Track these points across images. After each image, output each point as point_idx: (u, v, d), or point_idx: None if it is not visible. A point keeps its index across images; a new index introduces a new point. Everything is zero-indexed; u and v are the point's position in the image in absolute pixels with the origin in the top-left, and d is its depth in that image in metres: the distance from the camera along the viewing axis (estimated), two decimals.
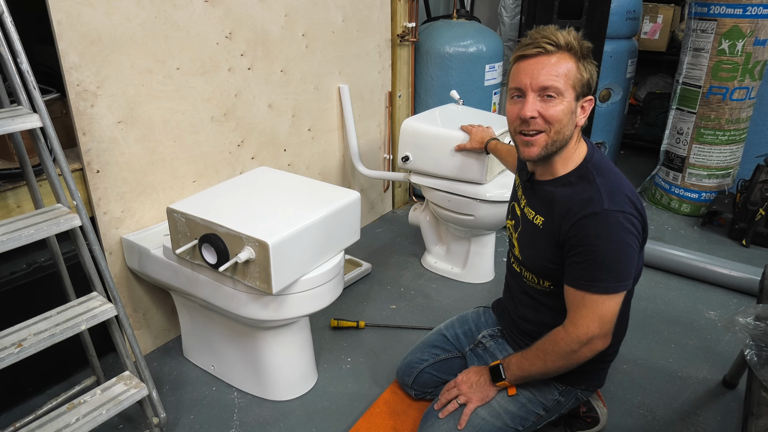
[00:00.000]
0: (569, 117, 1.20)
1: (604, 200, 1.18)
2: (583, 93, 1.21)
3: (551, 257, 1.28)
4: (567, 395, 1.43)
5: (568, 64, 1.17)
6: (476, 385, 1.40)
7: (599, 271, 1.18)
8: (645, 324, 2.11)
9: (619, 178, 1.24)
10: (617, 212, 1.17)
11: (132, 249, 1.72)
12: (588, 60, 1.20)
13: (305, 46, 2.23)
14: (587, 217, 1.18)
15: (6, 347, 1.19)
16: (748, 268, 2.31)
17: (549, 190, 1.29)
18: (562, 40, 1.16)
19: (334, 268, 1.56)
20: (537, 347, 1.31)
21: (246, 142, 2.07)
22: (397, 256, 2.62)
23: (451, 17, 2.99)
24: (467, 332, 1.63)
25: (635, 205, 1.21)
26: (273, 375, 1.69)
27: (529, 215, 1.35)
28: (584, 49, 1.19)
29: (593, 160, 1.26)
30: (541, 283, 1.36)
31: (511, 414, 1.38)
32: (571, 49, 1.17)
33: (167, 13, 1.68)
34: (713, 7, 2.69)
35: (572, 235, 1.20)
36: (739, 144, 2.94)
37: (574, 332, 1.22)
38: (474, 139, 2.02)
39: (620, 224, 1.17)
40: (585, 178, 1.24)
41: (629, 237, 1.18)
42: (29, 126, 1.21)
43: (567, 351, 1.24)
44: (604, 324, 1.21)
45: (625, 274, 1.19)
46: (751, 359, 1.28)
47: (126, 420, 1.64)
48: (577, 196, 1.22)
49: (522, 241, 1.40)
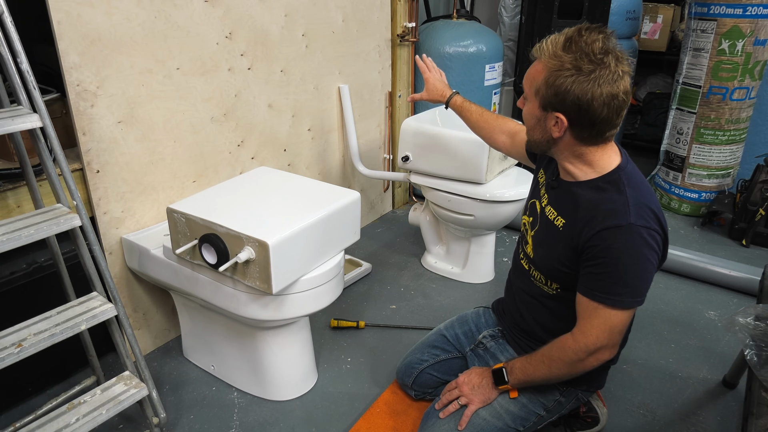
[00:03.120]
0: (534, 121, 1.22)
1: (631, 214, 1.15)
2: (552, 105, 1.15)
3: (565, 261, 1.26)
4: (568, 396, 1.43)
5: (536, 70, 1.17)
6: (478, 387, 1.40)
7: (617, 285, 1.16)
8: (645, 324, 2.11)
9: (649, 193, 1.21)
10: (642, 228, 1.14)
11: (132, 249, 1.72)
12: (573, 76, 1.10)
13: (305, 46, 2.23)
14: (611, 229, 1.15)
15: (6, 347, 1.19)
16: (748, 268, 2.31)
17: (575, 192, 1.25)
18: (545, 49, 1.15)
19: (334, 268, 1.56)
20: (543, 353, 1.30)
21: (246, 142, 2.07)
22: (397, 256, 2.61)
23: (451, 17, 2.99)
24: (467, 332, 1.62)
25: (660, 222, 1.18)
26: (273, 375, 1.69)
27: (549, 215, 1.32)
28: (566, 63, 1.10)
29: (626, 169, 1.22)
30: (549, 284, 1.35)
31: (512, 414, 1.38)
32: (551, 59, 1.13)
33: (167, 13, 1.68)
34: (713, 7, 2.69)
35: (593, 245, 1.18)
36: (739, 144, 2.94)
37: (583, 341, 1.22)
38: (430, 89, 1.80)
39: (644, 240, 1.14)
40: (615, 186, 1.19)
41: (651, 254, 1.16)
42: (29, 126, 1.21)
43: (574, 359, 1.24)
44: (613, 336, 1.21)
45: (641, 290, 1.18)
46: (751, 359, 1.28)
47: (126, 420, 1.64)
48: (604, 205, 1.18)
49: (537, 239, 1.37)
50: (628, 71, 1.13)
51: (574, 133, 1.18)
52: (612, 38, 1.12)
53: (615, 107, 1.12)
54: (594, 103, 1.11)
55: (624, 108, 1.15)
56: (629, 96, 1.15)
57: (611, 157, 1.23)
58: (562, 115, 1.15)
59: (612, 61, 1.10)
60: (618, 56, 1.11)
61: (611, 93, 1.10)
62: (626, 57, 1.13)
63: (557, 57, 1.12)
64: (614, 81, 1.10)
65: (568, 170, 1.27)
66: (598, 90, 1.10)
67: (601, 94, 1.10)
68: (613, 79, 1.10)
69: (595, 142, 1.20)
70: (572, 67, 1.10)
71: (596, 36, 1.10)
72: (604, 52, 1.10)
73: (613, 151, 1.24)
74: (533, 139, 1.26)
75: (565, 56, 1.11)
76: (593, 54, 1.09)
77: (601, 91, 1.10)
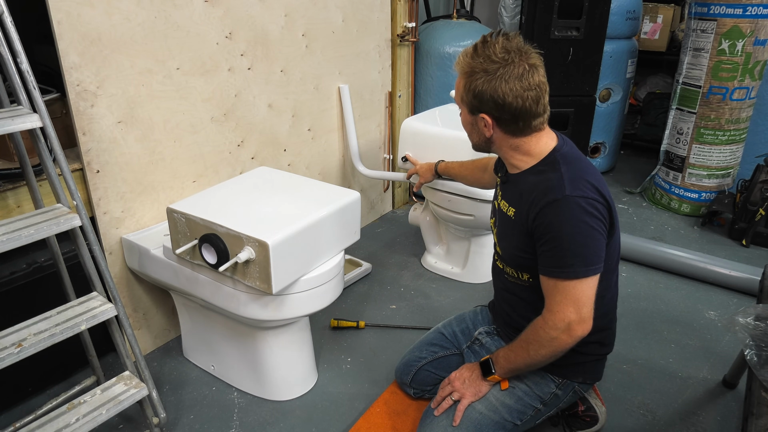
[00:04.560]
0: (470, 127, 1.34)
1: (566, 186, 1.21)
2: (476, 108, 1.26)
3: (524, 246, 1.31)
4: (564, 388, 1.43)
5: (458, 81, 1.29)
6: (468, 380, 1.42)
7: (566, 257, 1.20)
8: (645, 324, 2.11)
9: (586, 166, 1.28)
10: (578, 197, 1.20)
11: (132, 249, 1.72)
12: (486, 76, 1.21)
13: (305, 46, 2.23)
14: (549, 205, 1.22)
15: (6, 347, 1.19)
16: (748, 268, 2.31)
17: (519, 180, 1.33)
18: (459, 60, 1.26)
19: (334, 268, 1.56)
20: (521, 338, 1.34)
21: (246, 142, 2.07)
22: (397, 256, 2.62)
23: (451, 17, 2.99)
24: (464, 330, 1.65)
25: (599, 191, 1.23)
26: (273, 375, 1.69)
27: (503, 208, 1.39)
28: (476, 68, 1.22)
29: (562, 150, 1.29)
30: (521, 276, 1.39)
31: (508, 408, 1.39)
32: (463, 69, 1.25)
33: (167, 13, 1.68)
34: (713, 7, 2.69)
35: (538, 224, 1.24)
36: (739, 144, 2.94)
37: (551, 319, 1.25)
38: (422, 173, 2.05)
39: (582, 208, 1.19)
40: (551, 166, 1.27)
41: (592, 220, 1.20)
42: (29, 126, 1.21)
43: (547, 338, 1.26)
44: (580, 308, 1.22)
45: (592, 258, 1.21)
46: (751, 359, 1.28)
47: (126, 420, 1.64)
48: (541, 185, 1.25)
49: (500, 234, 1.44)
50: (536, 63, 1.22)
51: (502, 128, 1.28)
52: (515, 38, 1.22)
53: (531, 98, 1.21)
54: (508, 98, 1.21)
55: (542, 96, 1.23)
56: (544, 85, 1.23)
57: (546, 143, 1.30)
58: (486, 115, 1.26)
59: (515, 57, 1.20)
60: (522, 51, 1.21)
61: (522, 86, 1.20)
62: (532, 50, 1.23)
63: (468, 65, 1.24)
64: (522, 75, 1.20)
65: (511, 163, 1.34)
66: (507, 86, 1.20)
67: (512, 89, 1.20)
68: (520, 74, 1.19)
69: (525, 133, 1.28)
70: (481, 70, 1.22)
71: (497, 39, 1.21)
72: (506, 51, 1.20)
73: (548, 137, 1.31)
74: (474, 142, 1.38)
75: (474, 62, 1.23)
76: (495, 55, 1.20)
77: (512, 86, 1.20)
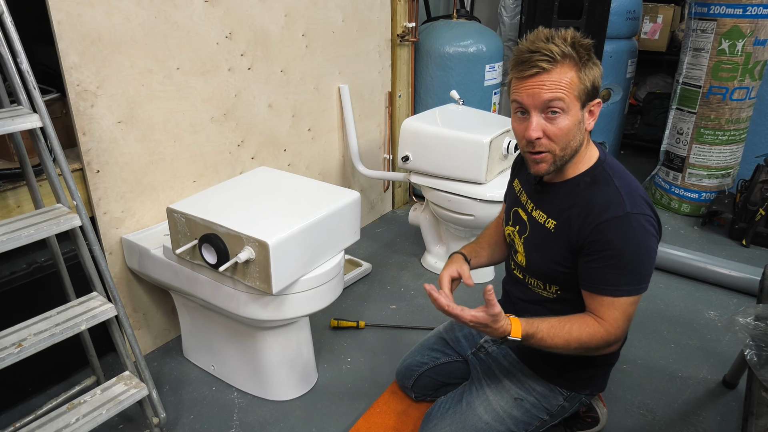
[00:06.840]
0: (576, 128, 1.15)
1: (626, 203, 1.16)
2: (589, 98, 1.15)
3: (562, 261, 1.25)
4: (572, 401, 1.42)
5: (569, 76, 1.10)
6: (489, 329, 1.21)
7: (622, 275, 1.17)
8: (645, 324, 2.11)
9: (633, 181, 1.22)
10: (639, 215, 1.15)
11: (132, 249, 1.72)
12: (590, 63, 1.13)
13: (305, 46, 2.23)
14: (610, 221, 1.15)
15: (6, 347, 1.19)
16: (748, 268, 2.31)
17: (563, 192, 1.25)
18: (557, 51, 1.09)
19: (334, 268, 1.56)
20: (569, 331, 1.20)
21: (246, 142, 2.07)
22: (397, 256, 2.61)
23: (451, 17, 2.99)
24: (468, 335, 1.60)
25: (651, 208, 1.20)
26: (273, 375, 1.69)
27: (539, 219, 1.30)
28: (583, 52, 1.12)
29: (607, 161, 1.24)
30: (548, 288, 1.33)
31: (514, 419, 1.38)
32: (569, 58, 1.10)
33: (167, 13, 1.68)
34: (713, 7, 2.69)
35: (593, 240, 1.17)
36: (739, 144, 2.94)
37: (614, 333, 1.20)
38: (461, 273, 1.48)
39: (643, 227, 1.15)
40: (602, 180, 1.20)
41: (651, 239, 1.17)
42: (29, 126, 1.21)
43: (595, 347, 1.21)
44: (629, 324, 1.22)
45: (646, 276, 1.19)
46: (751, 359, 1.28)
47: (126, 420, 1.64)
48: (596, 199, 1.19)
49: (529, 245, 1.34)
50: None
51: None
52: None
53: None
54: (597, 82, 1.17)
55: None
56: None
57: (593, 149, 1.25)
58: (598, 99, 1.19)
59: None
60: None
61: None
62: None
63: (568, 53, 1.10)
64: None
65: (564, 171, 1.25)
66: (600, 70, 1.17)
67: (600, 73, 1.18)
68: None
69: None
70: (585, 55, 1.13)
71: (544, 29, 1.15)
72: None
73: (591, 145, 1.25)
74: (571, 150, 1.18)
75: (571, 50, 1.10)
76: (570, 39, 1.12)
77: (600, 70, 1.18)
